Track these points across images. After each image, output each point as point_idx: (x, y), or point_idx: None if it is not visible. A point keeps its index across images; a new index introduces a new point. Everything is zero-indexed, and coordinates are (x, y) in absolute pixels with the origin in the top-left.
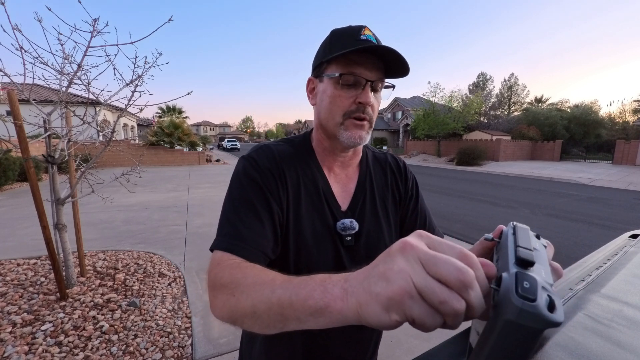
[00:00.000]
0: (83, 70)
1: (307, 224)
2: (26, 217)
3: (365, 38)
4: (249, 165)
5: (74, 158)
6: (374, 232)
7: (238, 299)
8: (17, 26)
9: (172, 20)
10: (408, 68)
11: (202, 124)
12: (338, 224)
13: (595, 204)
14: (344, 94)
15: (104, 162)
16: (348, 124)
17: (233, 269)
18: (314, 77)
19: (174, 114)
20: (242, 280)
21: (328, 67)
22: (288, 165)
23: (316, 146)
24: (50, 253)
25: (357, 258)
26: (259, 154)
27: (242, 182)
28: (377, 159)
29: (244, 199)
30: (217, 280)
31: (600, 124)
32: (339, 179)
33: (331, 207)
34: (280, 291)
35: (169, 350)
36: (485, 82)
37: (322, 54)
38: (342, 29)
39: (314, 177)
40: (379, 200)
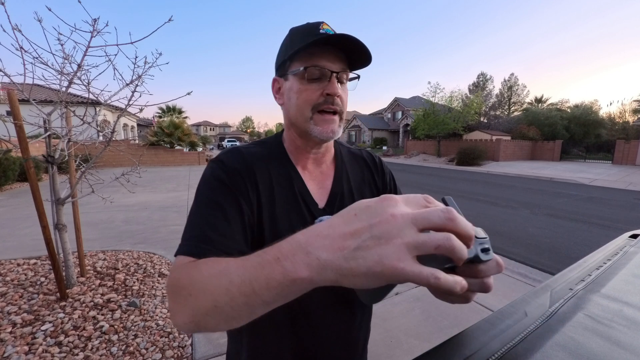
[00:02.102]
0: (83, 70)
1: (284, 225)
2: (26, 217)
3: (325, 32)
4: (216, 168)
5: (74, 158)
6: None
7: (196, 298)
8: (17, 26)
9: (172, 21)
10: (370, 56)
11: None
12: (316, 222)
13: (595, 204)
14: (310, 88)
15: (104, 162)
16: (318, 119)
17: (189, 269)
18: (279, 77)
19: (174, 114)
20: (198, 276)
21: (291, 64)
22: (259, 166)
23: (288, 146)
24: (50, 253)
25: None
26: (228, 156)
27: (209, 185)
28: (352, 155)
29: (210, 200)
30: (175, 284)
31: (600, 124)
32: (314, 177)
33: (308, 205)
34: (238, 279)
35: (169, 350)
36: (485, 82)
37: (283, 52)
38: (301, 27)
39: (288, 176)
40: (357, 195)
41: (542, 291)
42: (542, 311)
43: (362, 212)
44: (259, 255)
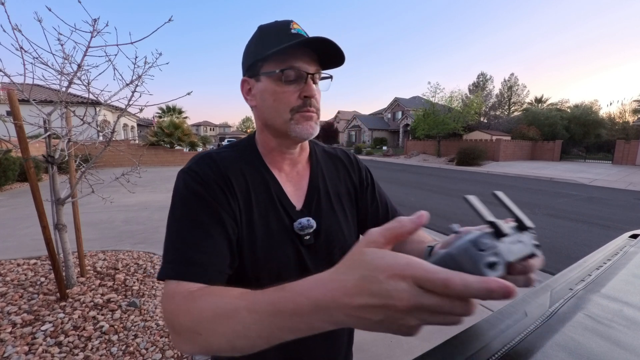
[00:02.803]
0: (83, 71)
1: (261, 230)
2: (26, 217)
3: (297, 32)
4: (190, 180)
5: (74, 158)
6: (333, 227)
7: (208, 339)
8: (17, 26)
9: (172, 21)
10: (344, 58)
11: (202, 124)
12: (295, 224)
13: (595, 204)
14: (287, 90)
15: (104, 162)
16: (298, 118)
17: (187, 304)
18: (249, 78)
19: (174, 114)
20: (202, 316)
21: (264, 65)
22: (233, 171)
23: (262, 148)
24: (50, 253)
25: (318, 255)
26: (200, 165)
27: (185, 199)
28: (326, 154)
29: (189, 217)
30: (174, 320)
31: (600, 124)
32: (291, 178)
33: (286, 207)
34: (255, 327)
35: (169, 350)
36: (485, 82)
37: (254, 52)
38: (270, 25)
39: (263, 180)
40: (333, 194)
41: (542, 291)
42: (542, 311)
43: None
44: (274, 304)
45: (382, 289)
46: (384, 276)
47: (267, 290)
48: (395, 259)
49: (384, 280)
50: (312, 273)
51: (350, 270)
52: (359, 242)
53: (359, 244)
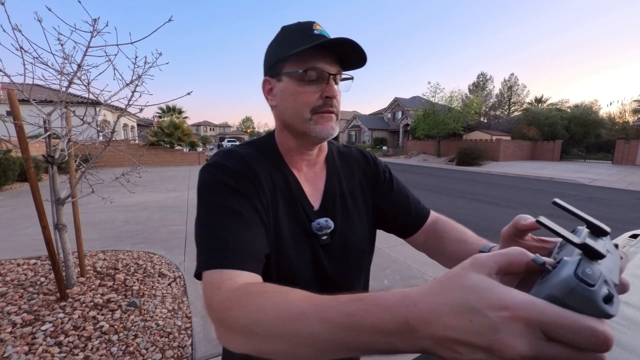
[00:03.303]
0: (83, 70)
1: (285, 227)
2: (26, 217)
3: (319, 33)
4: (219, 172)
5: (74, 158)
6: (348, 228)
7: (265, 340)
8: (17, 26)
9: (172, 21)
10: (365, 59)
11: (202, 124)
12: (313, 224)
13: (595, 204)
14: (308, 90)
15: (104, 162)
16: (317, 118)
17: (242, 298)
18: (270, 78)
19: (174, 114)
20: (261, 316)
21: (286, 65)
22: (259, 167)
23: (281, 147)
24: (50, 253)
25: (333, 256)
26: (227, 159)
27: (218, 191)
28: (342, 154)
29: (226, 207)
30: (226, 314)
31: (600, 124)
32: (308, 178)
33: (304, 207)
34: (326, 335)
35: (169, 351)
36: (485, 82)
37: (276, 52)
38: (293, 26)
39: (285, 178)
40: (349, 195)
41: None
42: None
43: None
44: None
45: (490, 328)
46: (495, 313)
47: (338, 297)
48: (510, 294)
49: (494, 318)
50: (328, 272)
51: (448, 293)
52: (462, 264)
53: (462, 266)
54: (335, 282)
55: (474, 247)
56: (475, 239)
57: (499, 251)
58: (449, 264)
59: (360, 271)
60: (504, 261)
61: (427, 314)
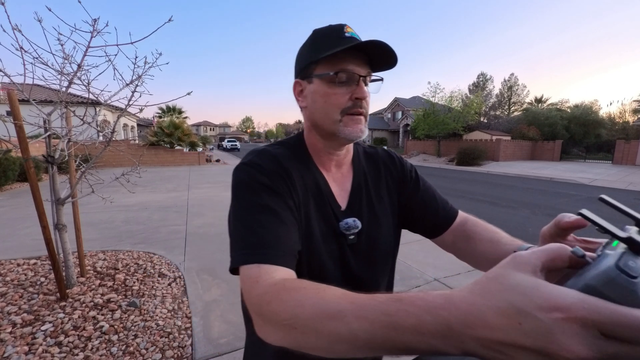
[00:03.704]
0: (83, 71)
1: (316, 225)
2: (26, 217)
3: (350, 36)
4: (254, 171)
5: (74, 158)
6: (374, 228)
7: (304, 334)
8: (17, 26)
9: (172, 21)
10: (396, 60)
11: (202, 124)
12: (341, 224)
13: (595, 204)
14: (339, 92)
15: (104, 162)
16: (347, 120)
17: (281, 293)
18: (301, 79)
19: (174, 114)
20: (299, 311)
21: (317, 67)
22: (291, 167)
23: (310, 148)
24: (50, 253)
25: (360, 255)
26: (262, 158)
27: (253, 188)
28: (368, 154)
29: (261, 204)
30: (266, 308)
31: (600, 124)
32: (336, 178)
33: (332, 207)
34: (364, 335)
35: (169, 351)
36: (485, 82)
37: (307, 55)
38: (324, 29)
39: (315, 178)
40: (375, 195)
41: None
42: None
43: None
44: (389, 315)
45: (542, 330)
46: (546, 314)
47: (376, 296)
48: (560, 293)
49: (546, 320)
50: (354, 271)
51: (491, 294)
52: (501, 263)
53: (502, 265)
54: (362, 281)
55: (507, 248)
56: (509, 240)
57: (540, 247)
58: (480, 266)
59: (386, 270)
60: (546, 257)
61: (470, 316)
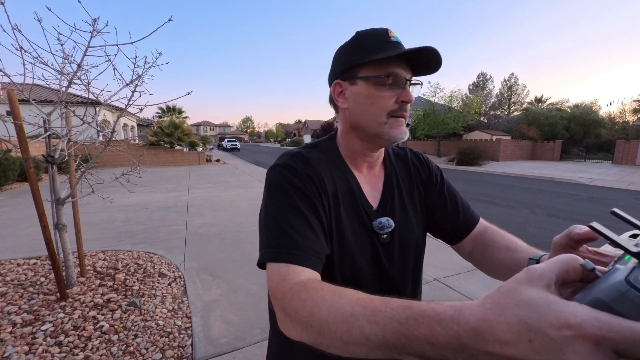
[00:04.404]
0: (83, 70)
1: (348, 227)
2: (26, 217)
3: (395, 40)
4: (288, 173)
5: (74, 158)
6: (406, 227)
7: (320, 334)
8: (17, 26)
9: (172, 21)
10: (440, 66)
11: (202, 124)
12: (375, 223)
13: (595, 204)
14: (385, 95)
15: (104, 162)
16: (392, 122)
17: (301, 293)
18: (343, 81)
19: (174, 114)
20: (317, 312)
21: (362, 69)
22: (323, 169)
23: (344, 149)
24: (50, 253)
25: (392, 254)
26: (295, 161)
27: (286, 190)
28: (398, 156)
29: (292, 206)
30: (288, 304)
31: (600, 124)
32: (368, 179)
33: (364, 207)
34: (375, 339)
35: (169, 350)
36: (485, 82)
37: (352, 56)
38: (368, 32)
39: (346, 180)
40: (407, 195)
41: None
42: None
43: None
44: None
45: (553, 349)
46: (557, 332)
47: (389, 301)
48: (572, 310)
49: (556, 338)
50: (387, 270)
51: (503, 310)
52: (516, 277)
53: (516, 280)
54: (395, 279)
55: (524, 256)
56: (525, 248)
57: (553, 259)
58: (498, 274)
59: (415, 269)
60: (558, 269)
61: (480, 331)
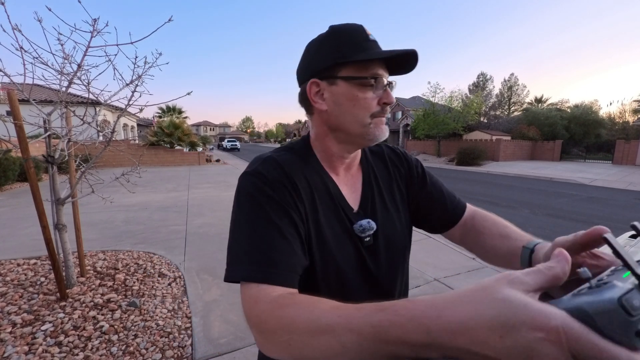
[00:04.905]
0: (83, 70)
1: (328, 232)
2: (26, 217)
3: (374, 39)
4: (258, 181)
5: (74, 158)
6: (389, 227)
7: (299, 349)
8: (17, 26)
9: (172, 21)
10: (412, 68)
11: (202, 124)
12: (355, 227)
13: (595, 204)
14: (369, 96)
15: (104, 162)
16: (377, 123)
17: (275, 310)
18: (320, 80)
19: (174, 114)
20: (293, 328)
21: (344, 69)
22: (296, 174)
23: (320, 152)
24: (50, 253)
25: (377, 256)
26: (266, 167)
27: (256, 200)
28: (375, 153)
29: (264, 218)
30: (264, 326)
31: (600, 124)
32: (346, 181)
33: (344, 209)
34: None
35: (169, 350)
36: (485, 82)
37: (330, 54)
38: (345, 28)
39: (323, 183)
40: (387, 193)
41: None
42: None
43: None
44: (374, 327)
45: (522, 348)
46: (529, 333)
47: (362, 307)
48: (547, 314)
49: (528, 338)
50: (374, 274)
51: (478, 305)
52: (497, 276)
53: (497, 279)
54: (383, 282)
55: (517, 243)
56: (518, 235)
57: (538, 269)
58: (491, 260)
59: (402, 269)
60: (542, 280)
61: (452, 325)
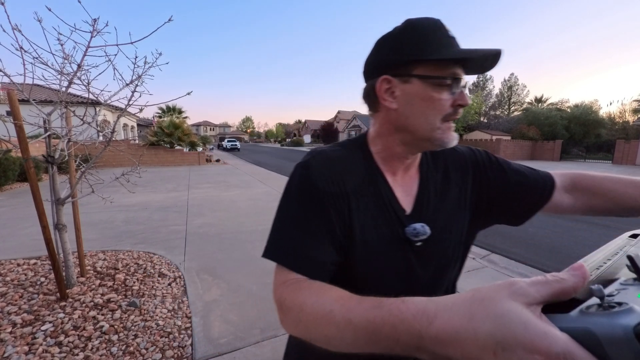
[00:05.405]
0: (83, 70)
1: (374, 233)
2: (26, 217)
3: (452, 36)
4: (307, 175)
5: (74, 158)
6: (442, 231)
7: (307, 328)
8: (17, 26)
9: (172, 21)
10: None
11: (202, 124)
12: (408, 230)
13: None
14: (444, 97)
15: (104, 162)
16: (446, 126)
17: (294, 292)
18: (393, 77)
19: (174, 114)
20: (304, 309)
21: (420, 67)
22: (348, 171)
23: (380, 151)
24: (50, 253)
25: (426, 260)
26: (317, 161)
27: (301, 192)
28: (435, 154)
29: (303, 211)
30: (282, 302)
31: (600, 124)
32: (403, 183)
33: (396, 212)
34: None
35: (169, 350)
36: (485, 82)
37: (406, 50)
38: (423, 22)
39: (375, 182)
40: (444, 196)
41: None
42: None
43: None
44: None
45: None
46: (526, 355)
47: (364, 300)
48: (548, 336)
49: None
50: (420, 277)
51: (474, 318)
52: (496, 286)
53: (497, 289)
54: (426, 286)
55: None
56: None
57: (547, 280)
58: (630, 212)
59: (451, 275)
60: (547, 294)
61: (444, 335)
